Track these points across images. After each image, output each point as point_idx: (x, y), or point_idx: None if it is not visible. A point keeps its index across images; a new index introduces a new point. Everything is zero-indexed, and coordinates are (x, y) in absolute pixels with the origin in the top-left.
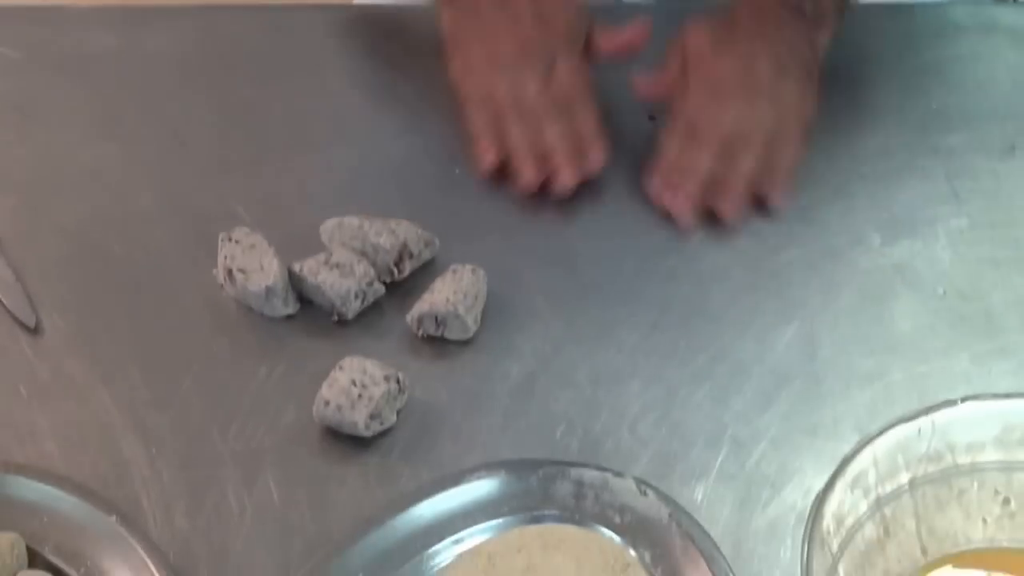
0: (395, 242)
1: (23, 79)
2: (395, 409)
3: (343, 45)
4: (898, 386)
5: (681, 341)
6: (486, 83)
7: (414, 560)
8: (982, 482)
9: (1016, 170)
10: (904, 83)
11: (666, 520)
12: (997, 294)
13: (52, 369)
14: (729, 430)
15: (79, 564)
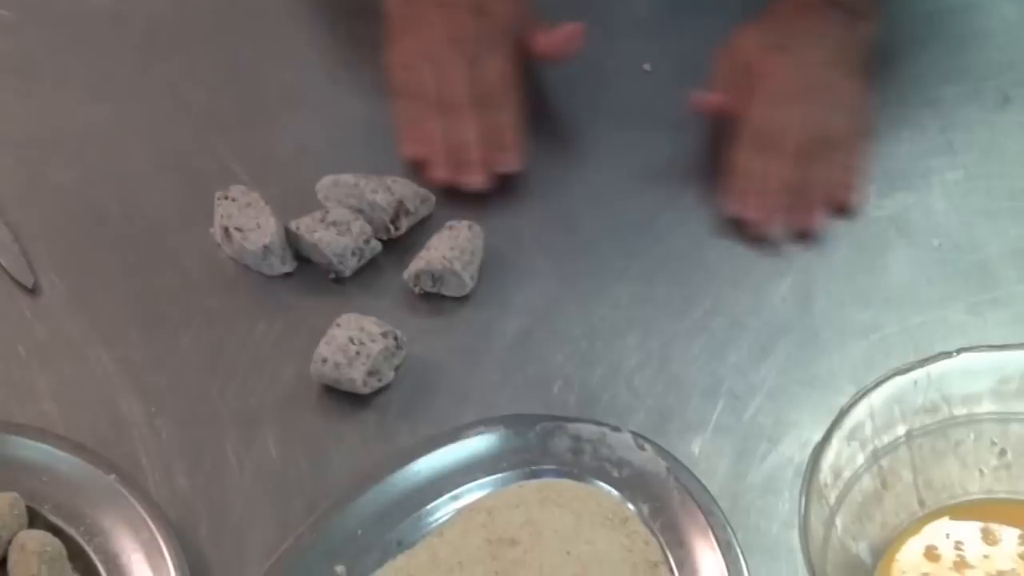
0: (391, 199)
1: (19, 39)
2: (393, 366)
3: (339, 3)
4: (894, 338)
5: (677, 295)
6: (414, 74)
7: (412, 516)
8: (979, 433)
9: (1010, 121)
10: (898, 36)
11: (664, 474)
12: (992, 245)
13: (50, 329)
14: (726, 383)
15: (79, 523)
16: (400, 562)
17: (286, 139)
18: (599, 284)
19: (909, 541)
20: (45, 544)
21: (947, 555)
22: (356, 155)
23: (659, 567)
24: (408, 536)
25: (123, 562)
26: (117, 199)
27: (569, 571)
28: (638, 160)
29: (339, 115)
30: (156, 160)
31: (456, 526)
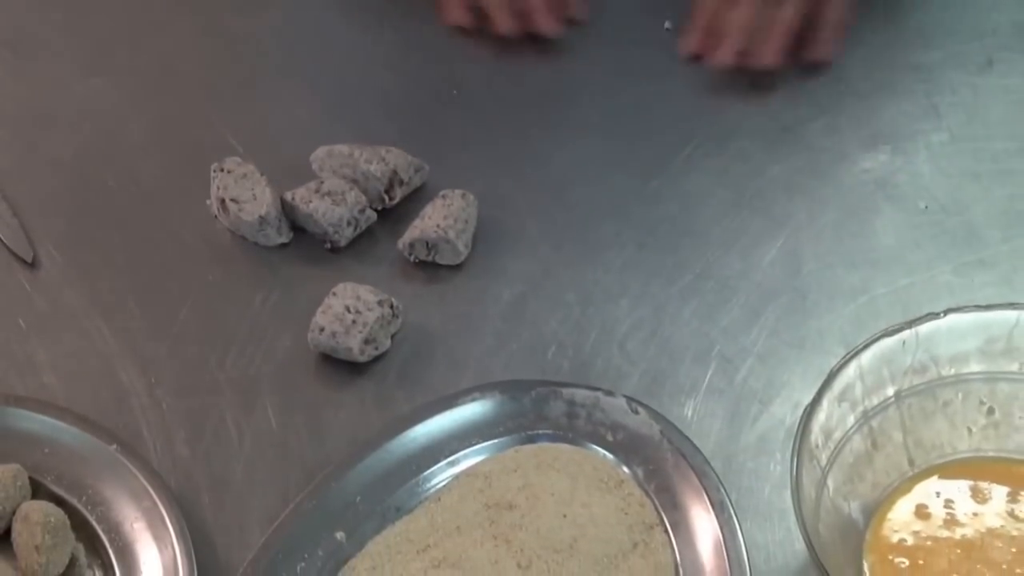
0: (385, 169)
1: (14, 16)
2: (389, 334)
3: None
4: (882, 299)
5: (668, 260)
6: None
7: (410, 482)
8: (966, 393)
9: (994, 84)
10: (884, 2)
11: (657, 437)
12: (978, 207)
13: (50, 302)
14: (717, 346)
15: (81, 493)
16: (399, 527)
17: (280, 111)
18: (591, 251)
19: (900, 500)
20: (48, 514)
21: (937, 513)
22: (350, 126)
23: (654, 529)
24: (406, 502)
25: (125, 531)
26: (114, 172)
27: (566, 534)
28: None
29: (333, 86)
30: (152, 133)
31: (454, 491)
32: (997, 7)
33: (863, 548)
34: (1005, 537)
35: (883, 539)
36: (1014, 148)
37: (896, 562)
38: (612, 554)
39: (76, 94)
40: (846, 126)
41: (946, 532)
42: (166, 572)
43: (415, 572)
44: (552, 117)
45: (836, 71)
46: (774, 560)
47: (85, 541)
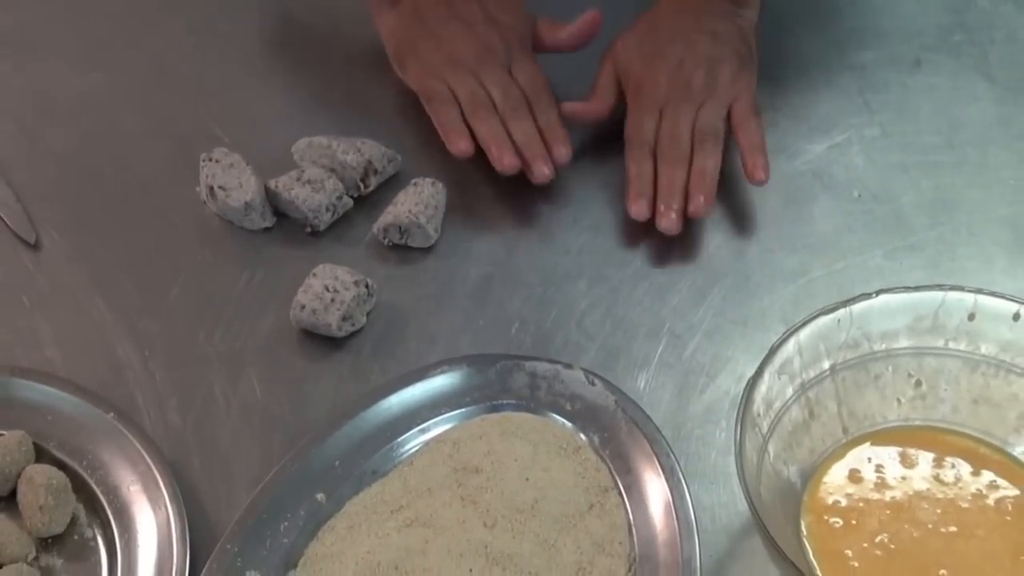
0: (361, 159)
1: (16, 15)
2: (365, 311)
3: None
4: (819, 281)
5: (622, 244)
6: (449, 83)
7: (385, 448)
8: (896, 367)
9: (922, 83)
10: (820, 5)
11: (612, 407)
12: (907, 196)
13: (52, 281)
14: (667, 324)
15: (81, 458)
16: (375, 489)
17: (264, 105)
18: (551, 235)
19: (834, 465)
20: (51, 477)
21: (869, 477)
22: (329, 119)
23: (609, 491)
24: (381, 466)
25: (122, 493)
26: (110, 161)
27: (528, 496)
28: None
29: (312, 83)
30: (146, 125)
31: (425, 456)
32: (925, 11)
33: (801, 509)
34: (931, 499)
35: (819, 501)
36: (940, 142)
37: (831, 522)
38: (570, 514)
39: (75, 88)
40: (785, 121)
41: (877, 494)
42: (160, 531)
43: (389, 531)
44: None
45: (776, 71)
46: (719, 520)
47: (85, 502)
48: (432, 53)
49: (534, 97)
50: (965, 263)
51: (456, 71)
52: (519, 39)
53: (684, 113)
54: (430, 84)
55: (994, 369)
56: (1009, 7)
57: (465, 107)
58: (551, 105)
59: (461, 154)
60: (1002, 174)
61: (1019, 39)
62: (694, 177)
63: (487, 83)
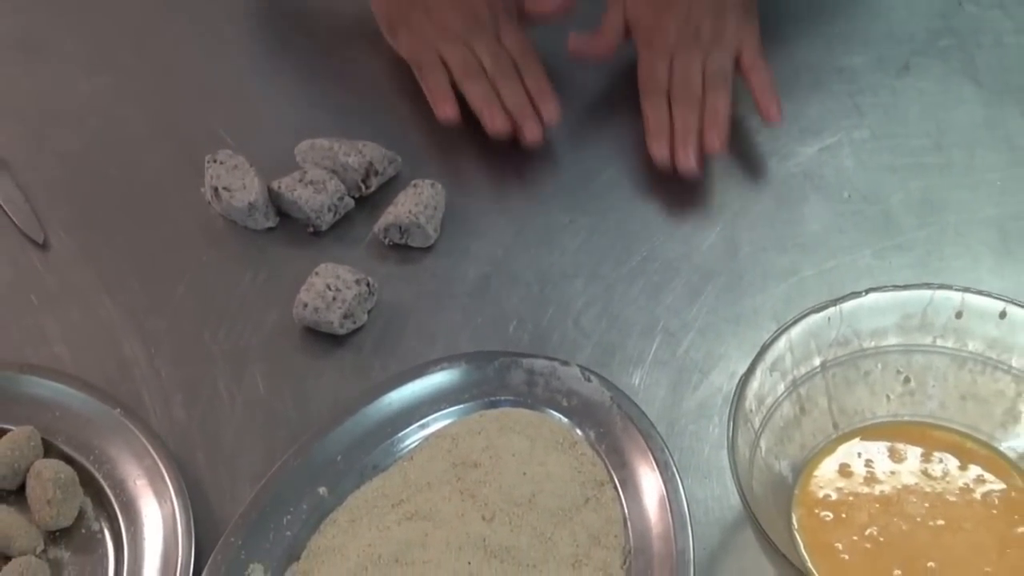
0: (362, 161)
1: (24, 19)
2: (366, 309)
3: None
4: (810, 280)
5: (617, 244)
6: (440, 51)
7: (386, 443)
8: (885, 363)
9: (910, 86)
10: (811, 11)
11: (608, 403)
12: (895, 197)
13: (60, 280)
14: (662, 322)
15: (88, 452)
16: (375, 483)
17: (267, 108)
18: (548, 235)
19: (825, 460)
20: (59, 471)
21: (859, 471)
22: (330, 121)
23: (604, 485)
24: (382, 460)
25: (129, 487)
26: (117, 163)
27: (525, 490)
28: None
29: (315, 86)
30: (152, 127)
31: (424, 451)
32: (914, 16)
33: (792, 502)
34: (919, 493)
35: (810, 494)
36: (928, 144)
37: (822, 515)
38: (567, 508)
39: (82, 92)
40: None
41: (866, 488)
42: (165, 524)
43: (390, 524)
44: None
45: None
46: (712, 513)
47: (92, 496)
48: (423, 23)
49: (522, 62)
50: (952, 262)
51: (446, 39)
52: (505, 8)
53: (694, 59)
54: (421, 53)
55: (981, 366)
56: (996, 13)
57: (456, 73)
58: (539, 68)
59: (447, 119)
60: (988, 176)
61: (1005, 44)
62: (708, 117)
63: (477, 50)
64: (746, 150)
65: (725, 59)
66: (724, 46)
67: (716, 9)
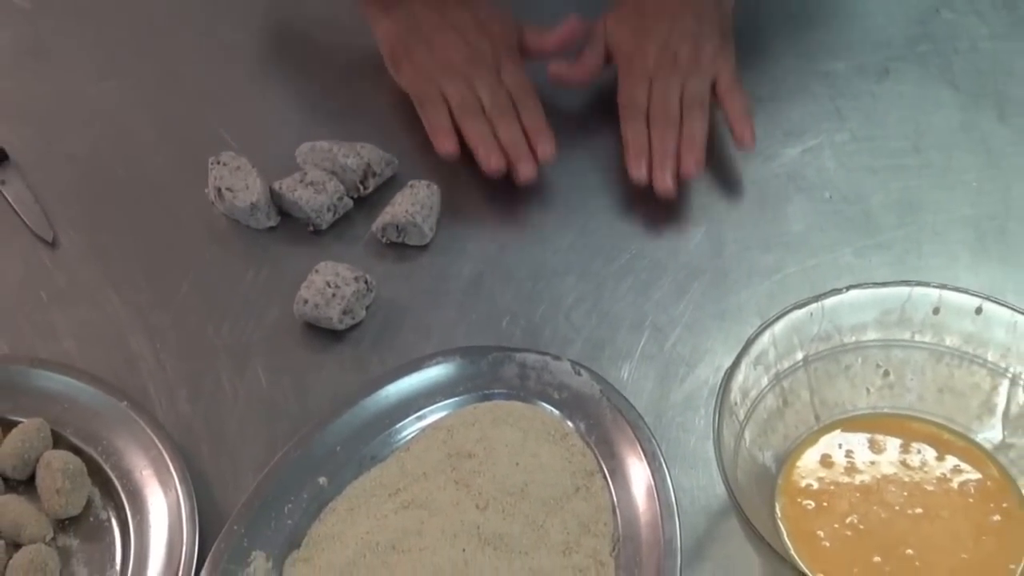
0: (361, 162)
1: (34, 26)
2: (364, 306)
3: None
4: (792, 277)
5: (607, 243)
6: (440, 86)
7: (383, 434)
8: (865, 358)
9: (890, 91)
10: (794, 18)
11: (598, 395)
12: (875, 197)
13: (68, 277)
14: (650, 317)
15: (96, 444)
16: (374, 473)
17: (269, 111)
18: (540, 234)
19: (807, 450)
20: (67, 462)
21: (840, 462)
22: (330, 124)
23: (594, 475)
24: (380, 451)
25: (135, 477)
26: (124, 164)
27: (518, 479)
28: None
29: (315, 90)
30: (157, 130)
31: (421, 442)
32: (893, 23)
33: (775, 492)
34: (898, 482)
35: (793, 484)
36: (907, 146)
37: (804, 504)
38: (558, 497)
39: (90, 96)
40: (761, 126)
41: (847, 478)
42: (171, 513)
43: (387, 512)
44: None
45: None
46: (698, 502)
47: (100, 485)
48: (425, 58)
49: (520, 99)
50: (930, 260)
51: (447, 75)
52: (507, 45)
53: (672, 84)
54: (423, 87)
55: (958, 360)
56: (972, 19)
57: (455, 110)
58: (536, 106)
59: (447, 154)
60: (965, 177)
61: (981, 49)
62: (685, 142)
63: (477, 87)
64: (731, 153)
65: (703, 84)
66: (701, 72)
67: (694, 36)
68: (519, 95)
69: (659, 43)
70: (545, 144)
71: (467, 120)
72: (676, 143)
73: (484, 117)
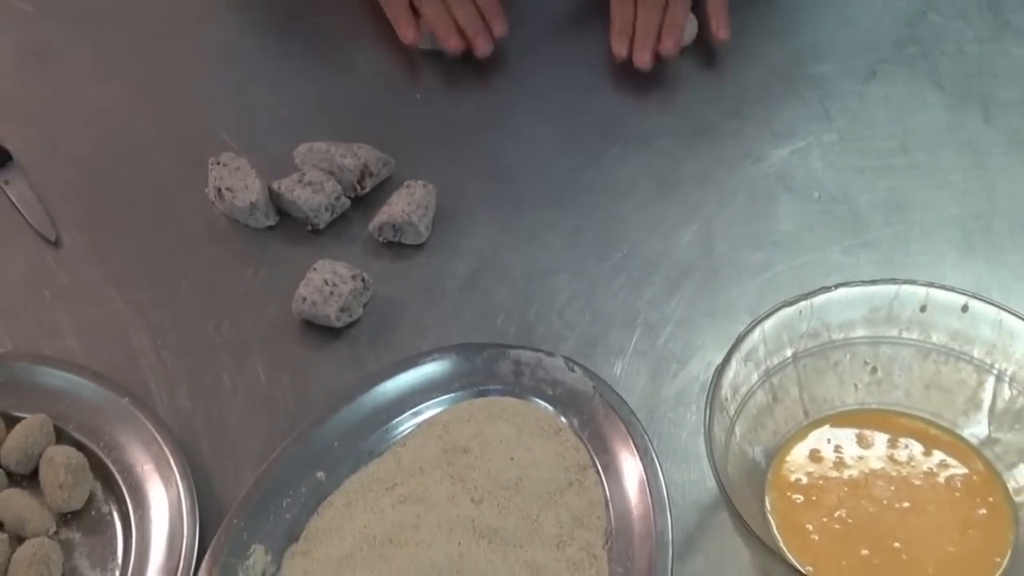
0: (357, 163)
1: (37, 29)
2: (361, 303)
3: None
4: (782, 275)
5: (599, 241)
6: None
7: (380, 430)
8: (853, 354)
9: (877, 92)
10: (782, 20)
11: (591, 391)
12: (863, 197)
13: (71, 276)
14: (642, 315)
15: (98, 439)
16: (371, 468)
17: (268, 112)
18: (534, 233)
19: (796, 446)
20: (70, 457)
21: (828, 457)
22: (327, 125)
23: (587, 470)
24: (377, 446)
25: (137, 472)
26: (126, 164)
27: (512, 474)
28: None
29: (313, 92)
30: (158, 131)
31: (417, 437)
32: (880, 26)
33: (765, 486)
34: (885, 477)
35: (782, 478)
36: (894, 146)
37: (793, 498)
38: (551, 491)
39: (93, 98)
40: (751, 127)
41: (835, 473)
42: (171, 507)
43: (384, 507)
44: (500, 119)
45: (743, 80)
46: (689, 496)
47: (102, 480)
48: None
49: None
50: (917, 259)
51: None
52: None
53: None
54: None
55: (944, 357)
56: (958, 22)
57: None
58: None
59: (409, 41)
60: (951, 177)
61: (967, 51)
62: (667, 23)
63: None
64: (722, 153)
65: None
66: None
67: None
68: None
69: None
70: (498, 21)
71: (425, 5)
72: (659, 25)
73: (441, 2)
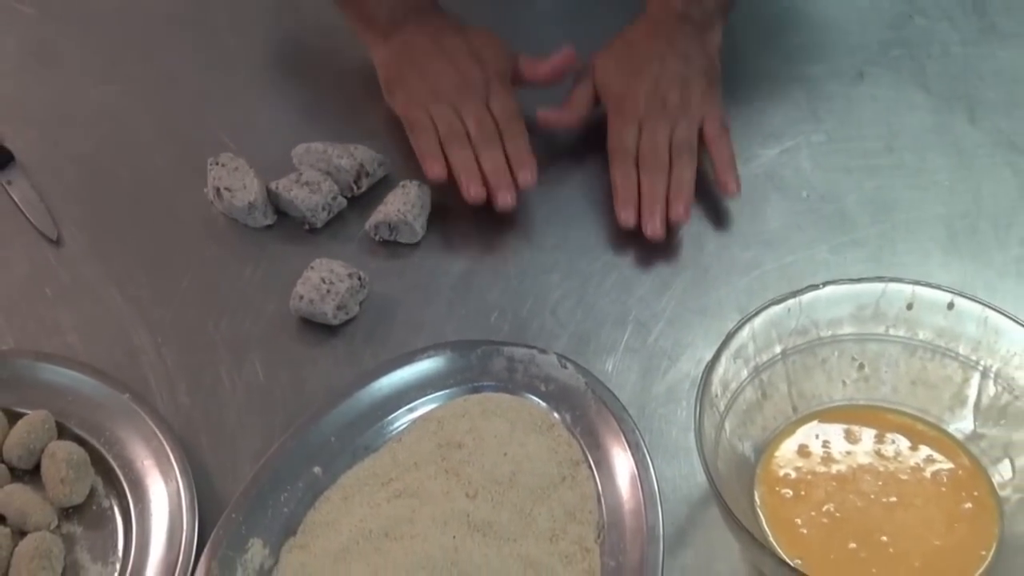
0: (354, 163)
1: (38, 32)
2: (358, 301)
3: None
4: (771, 273)
5: (591, 240)
6: (430, 113)
7: (376, 425)
8: (841, 351)
9: (864, 93)
10: (771, 23)
11: (583, 388)
12: (850, 196)
13: (72, 274)
14: (633, 312)
15: (99, 435)
16: (367, 463)
17: (266, 114)
18: (527, 232)
19: (785, 441)
20: (71, 453)
21: (817, 452)
22: (324, 127)
23: (580, 465)
24: (373, 442)
25: (137, 467)
26: (126, 165)
27: (506, 469)
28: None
29: (310, 94)
30: (158, 132)
31: (412, 433)
32: (867, 28)
33: (755, 481)
34: (873, 472)
35: (771, 473)
36: (881, 147)
37: (782, 492)
38: (544, 486)
39: (93, 99)
40: (741, 129)
41: (824, 467)
42: (171, 501)
43: (380, 501)
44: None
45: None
46: (680, 491)
47: (103, 475)
48: (417, 85)
49: (506, 126)
50: (904, 257)
51: (437, 102)
52: (498, 73)
53: (661, 128)
54: (413, 113)
55: (930, 353)
56: (944, 25)
57: (443, 137)
58: (521, 134)
59: (435, 178)
60: (937, 177)
61: (953, 54)
62: (674, 187)
63: (464, 115)
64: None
65: (691, 129)
66: (690, 116)
67: (682, 79)
68: (505, 123)
69: (648, 86)
70: (526, 172)
71: (452, 147)
72: (665, 188)
73: (469, 145)
